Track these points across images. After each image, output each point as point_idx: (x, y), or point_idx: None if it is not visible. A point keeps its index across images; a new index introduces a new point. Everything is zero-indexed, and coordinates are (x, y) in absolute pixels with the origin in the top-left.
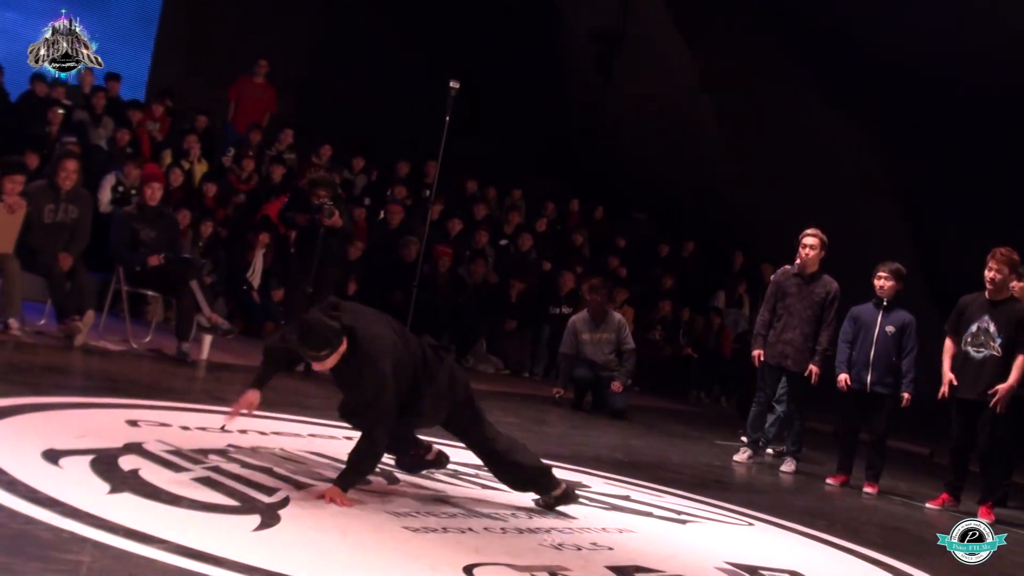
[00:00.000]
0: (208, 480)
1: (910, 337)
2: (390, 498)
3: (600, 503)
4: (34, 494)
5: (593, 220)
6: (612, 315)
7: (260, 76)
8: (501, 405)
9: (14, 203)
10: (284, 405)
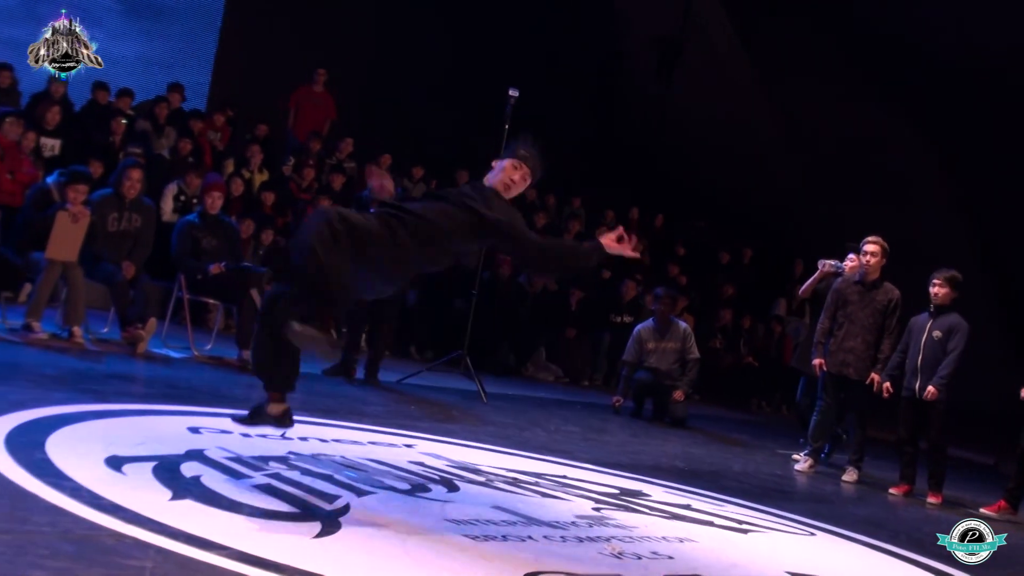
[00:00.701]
0: (269, 487)
1: (955, 339)
2: (450, 506)
3: (661, 512)
4: (97, 500)
5: (653, 228)
6: (678, 324)
7: (319, 85)
8: (561, 413)
9: (78, 212)
10: (345, 413)
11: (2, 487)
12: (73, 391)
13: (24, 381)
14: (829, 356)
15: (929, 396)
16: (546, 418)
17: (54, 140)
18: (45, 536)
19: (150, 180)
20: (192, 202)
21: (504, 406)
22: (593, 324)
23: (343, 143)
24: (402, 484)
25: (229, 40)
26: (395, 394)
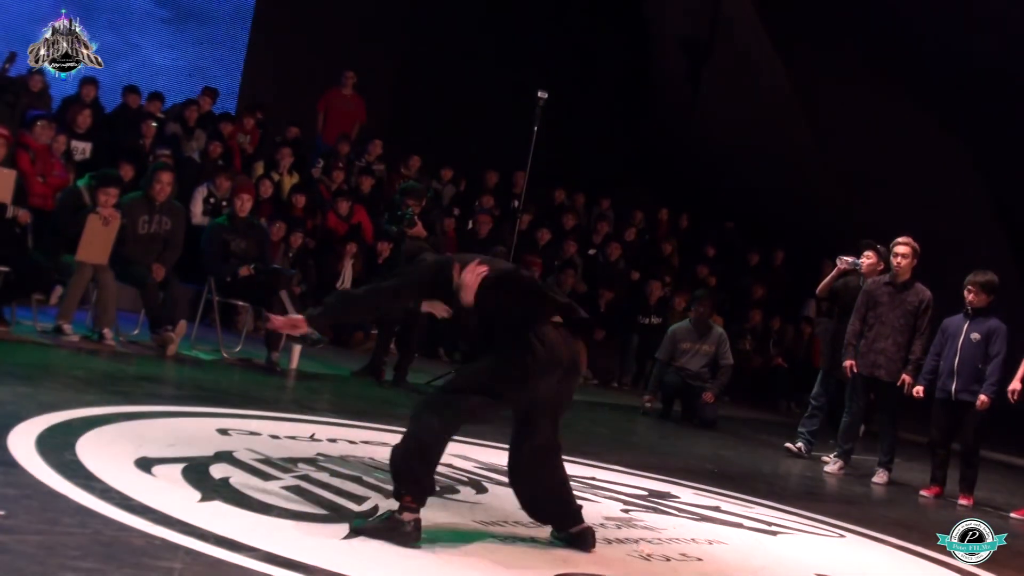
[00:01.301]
0: (298, 489)
1: (996, 343)
2: (478, 507)
3: (690, 514)
4: (127, 501)
5: (681, 229)
6: (715, 328)
7: (348, 88)
8: (590, 415)
9: (109, 215)
10: (374, 415)
11: (33, 488)
12: (103, 393)
13: (55, 383)
14: (860, 357)
15: (981, 405)
16: (574, 419)
17: (85, 143)
18: (75, 537)
19: (180, 183)
20: (222, 205)
21: None
22: (621, 326)
23: (372, 145)
24: None
25: (259, 43)
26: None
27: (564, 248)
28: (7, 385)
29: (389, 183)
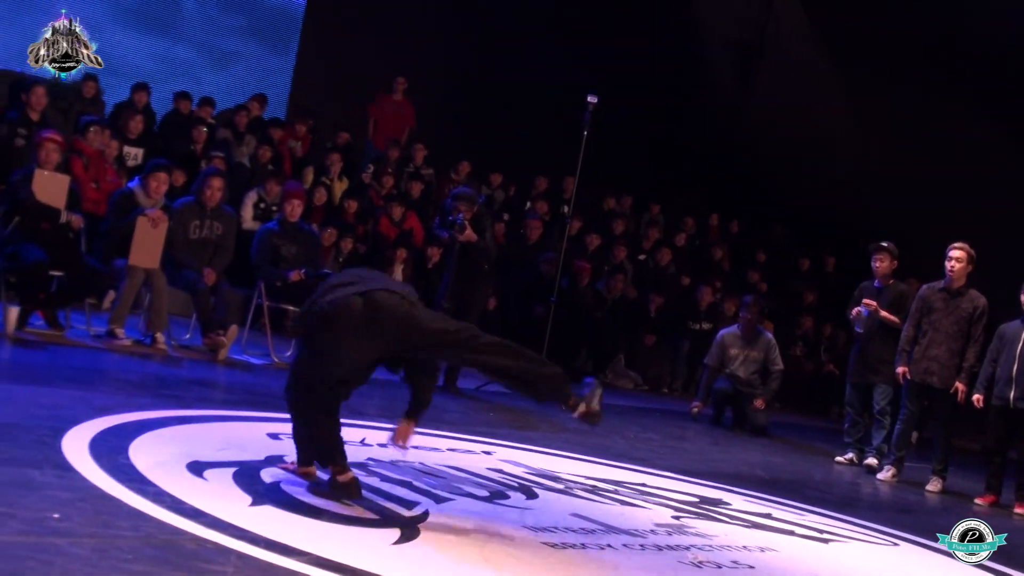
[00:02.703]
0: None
1: None
2: (529, 513)
3: (741, 521)
4: (179, 505)
5: (732, 235)
6: (764, 334)
7: (399, 93)
8: (640, 421)
9: (156, 217)
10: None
11: (86, 491)
12: (155, 397)
13: (108, 387)
14: (913, 364)
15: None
16: (625, 425)
17: (137, 149)
18: (128, 540)
19: (230, 188)
20: (272, 210)
21: None
22: (672, 331)
23: (415, 149)
24: (481, 491)
25: (309, 49)
26: (474, 401)
27: (614, 253)
28: (61, 389)
29: (439, 188)
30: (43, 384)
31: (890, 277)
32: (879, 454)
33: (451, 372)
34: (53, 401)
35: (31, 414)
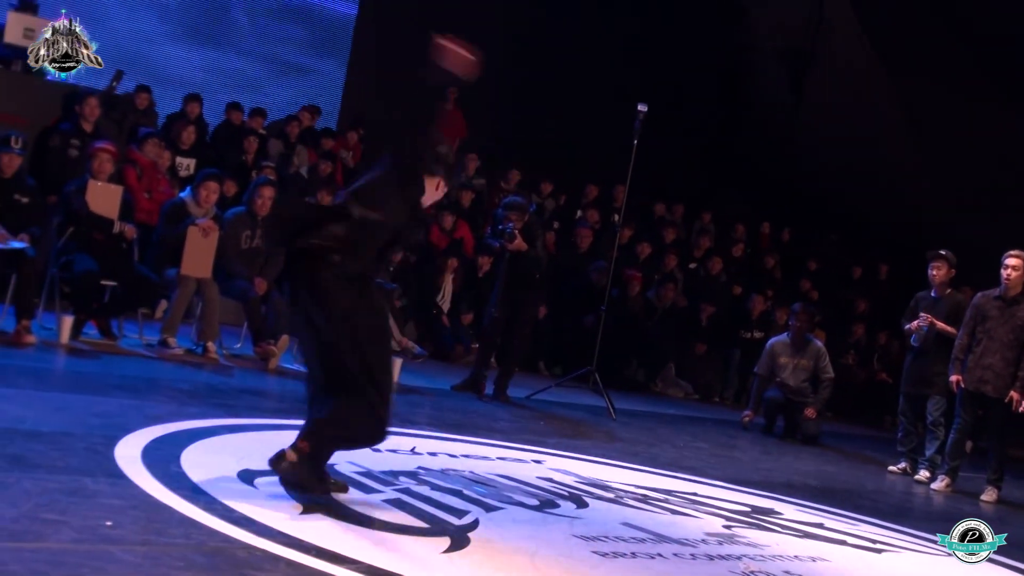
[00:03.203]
0: (399, 502)
1: None
2: (579, 522)
3: (793, 530)
4: (230, 513)
5: (783, 243)
6: (813, 342)
7: (450, 103)
8: (690, 430)
9: (207, 227)
10: (474, 428)
11: (139, 499)
12: (207, 406)
13: (160, 396)
14: (967, 372)
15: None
16: (675, 434)
17: (189, 159)
18: (179, 548)
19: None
20: None
21: (633, 422)
22: (723, 340)
23: (468, 159)
24: (531, 500)
25: (359, 59)
26: (524, 410)
27: (665, 262)
28: (114, 397)
29: (489, 197)
30: (96, 393)
31: (947, 286)
32: (932, 465)
33: (501, 381)
34: (106, 410)
35: (85, 423)
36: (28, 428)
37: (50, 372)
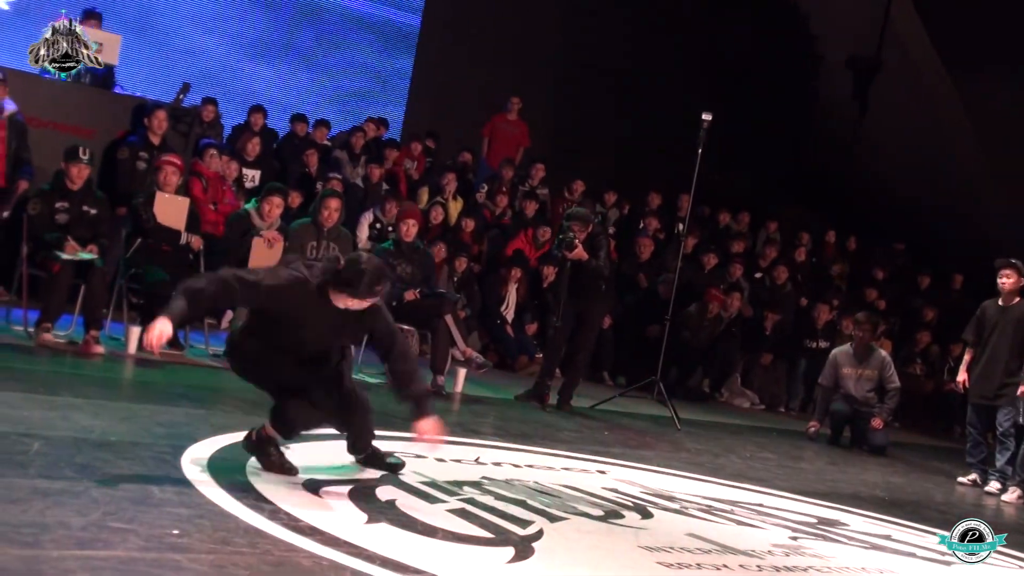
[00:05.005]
0: (463, 512)
1: None
2: (644, 532)
3: (860, 542)
4: (295, 522)
5: (849, 252)
6: (877, 352)
7: (513, 113)
8: (756, 440)
9: (271, 237)
10: (538, 438)
11: (205, 508)
12: None
13: (227, 405)
14: None
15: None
16: (741, 445)
17: (254, 171)
18: (245, 557)
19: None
20: (388, 230)
21: (698, 432)
22: (789, 349)
23: (535, 169)
24: (595, 510)
25: (423, 70)
26: (588, 420)
27: (730, 271)
28: (181, 407)
29: (553, 207)
30: (163, 402)
31: (1016, 295)
32: (1003, 476)
33: (565, 391)
34: (173, 419)
35: (152, 432)
36: (96, 437)
37: (118, 382)
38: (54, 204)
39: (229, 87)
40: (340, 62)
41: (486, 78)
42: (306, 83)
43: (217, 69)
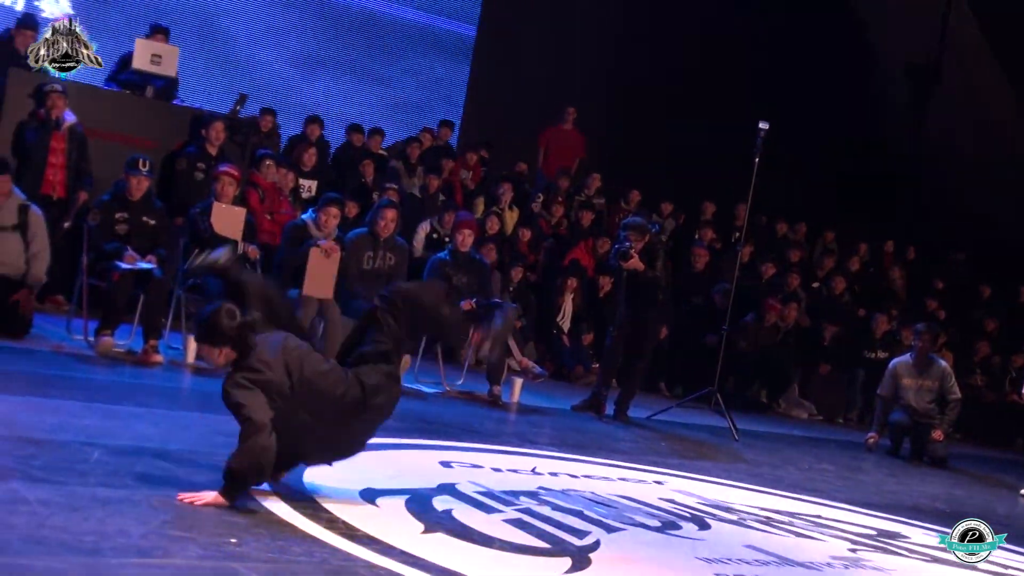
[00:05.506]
0: (519, 522)
1: None
2: (701, 544)
3: (920, 555)
4: (352, 532)
5: (908, 261)
6: (938, 362)
7: (569, 123)
8: (814, 451)
9: (329, 248)
10: (595, 449)
11: (263, 517)
12: None
13: None
14: None
15: None
16: (799, 456)
17: (311, 181)
18: (302, 566)
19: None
20: (444, 240)
21: (756, 443)
22: (847, 360)
23: (591, 179)
24: (652, 521)
25: (478, 80)
26: (645, 430)
27: (787, 281)
28: None
29: (609, 217)
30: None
31: None
32: None
33: (622, 401)
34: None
35: (210, 441)
36: (155, 446)
37: (176, 391)
38: (114, 215)
39: (286, 98)
40: (396, 73)
41: (542, 88)
42: (362, 94)
43: (274, 81)
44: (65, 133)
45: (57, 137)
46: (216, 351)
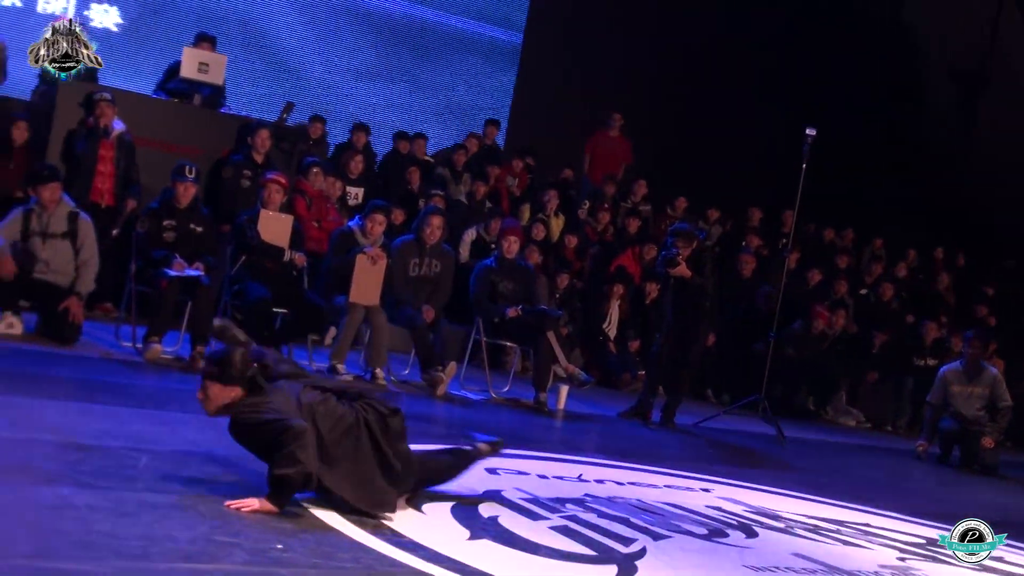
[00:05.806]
0: (565, 529)
1: None
2: (748, 552)
3: (970, 564)
4: (398, 538)
5: (957, 268)
6: (988, 369)
7: (615, 130)
8: (863, 459)
9: (375, 255)
10: (641, 456)
11: (309, 523)
12: None
13: None
14: None
15: None
16: (847, 463)
17: (357, 188)
18: (348, 572)
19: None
20: (490, 247)
21: (804, 451)
22: (896, 367)
23: (637, 186)
24: (699, 529)
25: (525, 87)
26: (692, 437)
27: (835, 288)
28: None
29: (655, 224)
30: None
31: None
32: None
33: (669, 408)
34: None
35: None
36: (203, 451)
37: None
38: (162, 222)
39: (332, 106)
40: (442, 80)
41: (588, 95)
42: (408, 102)
43: (321, 89)
44: (114, 141)
45: (106, 145)
46: (227, 390)
